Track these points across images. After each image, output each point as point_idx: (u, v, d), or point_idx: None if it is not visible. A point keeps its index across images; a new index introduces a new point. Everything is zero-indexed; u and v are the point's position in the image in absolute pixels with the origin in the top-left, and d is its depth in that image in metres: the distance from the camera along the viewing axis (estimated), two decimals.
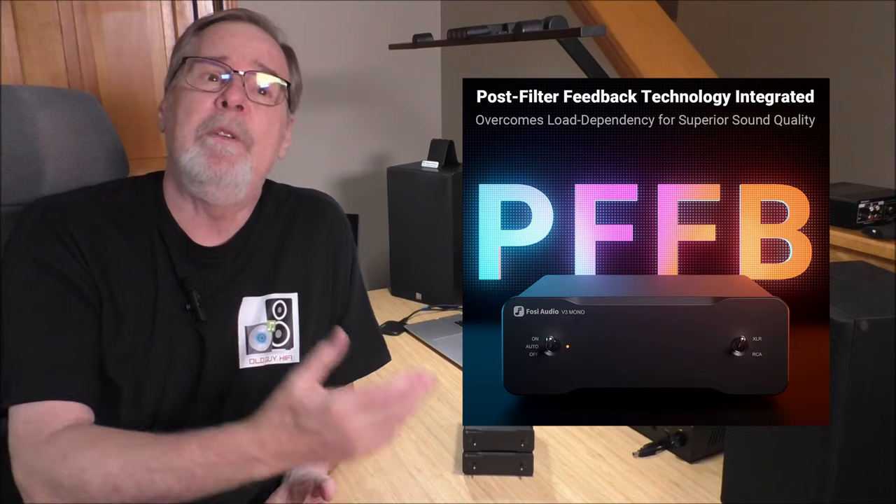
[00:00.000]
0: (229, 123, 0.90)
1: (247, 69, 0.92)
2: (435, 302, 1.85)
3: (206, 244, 0.96)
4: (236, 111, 0.90)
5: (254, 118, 0.92)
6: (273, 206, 1.03)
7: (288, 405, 0.72)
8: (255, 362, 0.98)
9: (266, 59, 0.94)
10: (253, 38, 0.95)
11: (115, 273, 0.91)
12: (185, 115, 0.90)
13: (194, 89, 0.90)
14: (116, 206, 0.94)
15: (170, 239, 0.94)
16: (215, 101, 0.90)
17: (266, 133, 0.94)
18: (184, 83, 0.91)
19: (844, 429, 0.80)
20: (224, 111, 0.90)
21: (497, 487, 1.06)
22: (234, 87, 0.90)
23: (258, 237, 1.00)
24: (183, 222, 0.95)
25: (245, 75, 0.91)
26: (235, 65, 0.91)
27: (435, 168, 1.85)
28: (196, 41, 0.94)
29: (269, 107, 0.94)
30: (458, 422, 1.25)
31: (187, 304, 0.93)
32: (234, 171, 0.91)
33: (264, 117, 0.93)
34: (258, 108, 0.92)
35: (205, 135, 0.90)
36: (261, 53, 0.94)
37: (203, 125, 0.90)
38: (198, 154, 0.90)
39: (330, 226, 1.08)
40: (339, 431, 0.70)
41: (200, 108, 0.90)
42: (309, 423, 0.71)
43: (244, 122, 0.91)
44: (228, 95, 0.90)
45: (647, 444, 1.15)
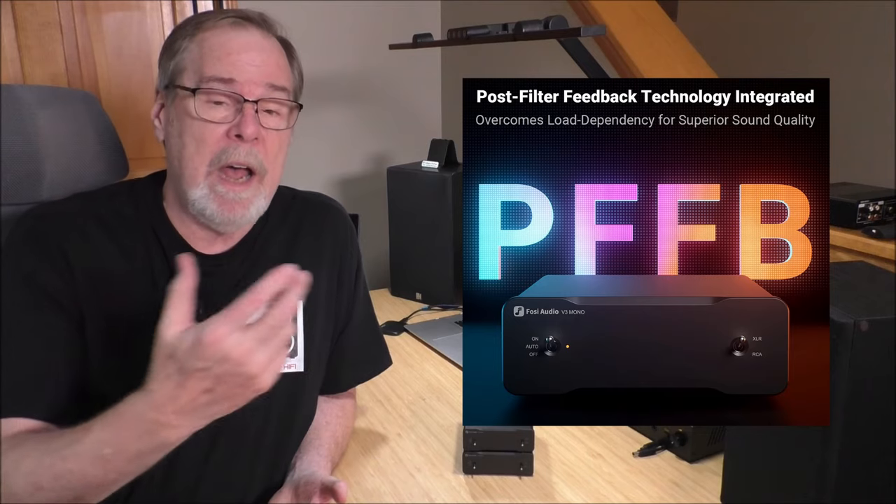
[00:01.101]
0: (245, 157, 0.87)
1: (259, 95, 0.87)
2: (435, 302, 1.85)
3: (208, 252, 0.95)
4: (252, 143, 0.87)
5: (267, 146, 0.89)
6: (278, 211, 1.02)
7: (165, 355, 0.67)
8: None
9: (275, 75, 0.90)
10: (260, 51, 0.89)
11: (108, 285, 0.88)
12: (195, 146, 0.86)
13: (203, 120, 0.86)
14: (113, 214, 0.92)
15: (169, 248, 0.92)
16: (227, 132, 0.86)
17: (277, 156, 0.92)
18: (190, 110, 0.86)
19: (844, 429, 0.80)
20: (238, 143, 0.86)
21: (497, 487, 1.06)
22: (248, 119, 0.86)
23: (263, 244, 0.99)
24: (183, 231, 0.94)
25: (258, 103, 0.87)
26: (246, 91, 0.87)
27: (435, 168, 1.85)
28: (196, 50, 0.88)
29: (281, 131, 0.91)
30: (458, 422, 1.25)
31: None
32: (248, 213, 0.89)
33: (276, 142, 0.91)
34: (270, 135, 0.89)
35: (216, 172, 0.87)
36: (270, 70, 0.89)
37: (217, 158, 0.86)
38: (208, 196, 0.87)
39: (336, 232, 1.07)
40: (223, 358, 0.65)
41: (211, 140, 0.86)
42: (190, 363, 0.65)
43: (259, 152, 0.88)
44: (243, 128, 0.85)
45: (647, 444, 1.15)
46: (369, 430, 1.23)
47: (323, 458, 1.00)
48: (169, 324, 0.68)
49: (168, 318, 0.68)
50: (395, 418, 1.27)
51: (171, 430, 0.69)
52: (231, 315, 0.65)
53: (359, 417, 1.26)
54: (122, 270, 0.90)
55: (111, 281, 0.89)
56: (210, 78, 0.86)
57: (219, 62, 0.87)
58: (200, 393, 0.67)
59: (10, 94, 1.01)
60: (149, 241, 0.92)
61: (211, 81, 0.86)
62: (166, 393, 0.67)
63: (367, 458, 1.14)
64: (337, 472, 1.09)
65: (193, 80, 0.87)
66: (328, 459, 1.01)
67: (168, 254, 0.92)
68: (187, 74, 0.88)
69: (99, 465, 0.71)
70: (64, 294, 0.86)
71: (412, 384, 1.41)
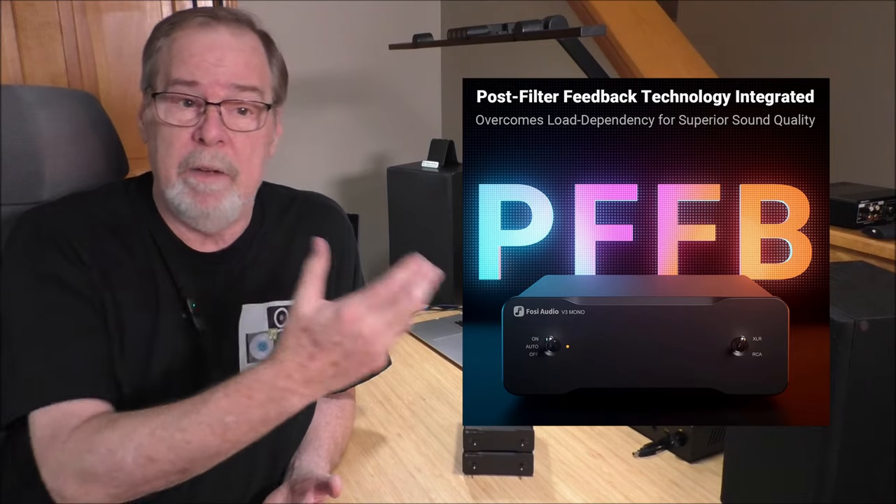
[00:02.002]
0: (211, 160, 0.87)
1: (223, 97, 0.86)
2: (435, 302, 1.85)
3: (204, 250, 0.95)
4: (217, 146, 0.87)
5: (236, 148, 0.88)
6: (276, 210, 1.02)
7: (300, 328, 0.71)
8: None
9: (243, 75, 0.88)
10: (227, 50, 0.88)
11: (118, 280, 0.89)
12: (165, 149, 0.87)
13: (168, 124, 0.86)
14: (110, 214, 0.92)
15: (165, 248, 0.92)
16: (192, 135, 0.86)
17: (249, 158, 0.90)
18: (158, 114, 0.87)
19: (844, 429, 0.80)
20: (203, 147, 0.86)
21: (497, 487, 1.06)
22: (211, 122, 0.85)
23: (260, 243, 0.99)
24: (176, 230, 0.94)
25: (221, 105, 0.86)
26: (210, 93, 0.86)
27: (435, 168, 1.85)
28: (166, 52, 0.88)
29: (251, 132, 0.90)
30: (458, 422, 1.25)
31: (184, 314, 0.92)
32: (221, 205, 0.89)
33: (247, 143, 0.89)
34: (239, 136, 0.88)
35: (187, 171, 0.87)
36: (237, 70, 0.88)
37: (184, 162, 0.87)
38: (182, 191, 0.88)
39: (333, 232, 1.07)
40: (358, 338, 0.69)
41: (178, 144, 0.86)
42: (326, 337, 0.69)
43: (226, 155, 0.87)
44: (206, 132, 0.85)
45: (647, 444, 1.15)
46: (369, 430, 1.23)
47: (321, 459, 1.00)
48: (306, 299, 0.71)
49: (303, 294, 0.72)
50: (395, 418, 1.27)
51: (296, 398, 0.72)
52: (368, 297, 0.70)
53: (359, 417, 1.26)
54: (128, 268, 0.91)
55: (120, 276, 0.90)
56: (174, 81, 0.86)
57: (183, 65, 0.86)
58: (329, 365, 0.70)
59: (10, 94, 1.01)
60: (145, 240, 0.93)
61: (176, 85, 0.86)
62: (298, 362, 0.71)
63: (367, 458, 1.14)
64: (336, 471, 1.09)
65: (162, 83, 0.87)
66: (327, 460, 1.01)
67: (164, 253, 0.92)
68: (159, 78, 0.88)
69: (219, 434, 0.73)
70: (86, 285, 0.87)
71: (412, 384, 1.41)
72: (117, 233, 0.91)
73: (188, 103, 0.87)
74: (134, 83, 1.75)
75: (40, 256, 0.87)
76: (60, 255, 0.87)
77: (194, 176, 0.87)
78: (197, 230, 0.93)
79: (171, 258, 0.93)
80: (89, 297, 0.87)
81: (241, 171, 0.90)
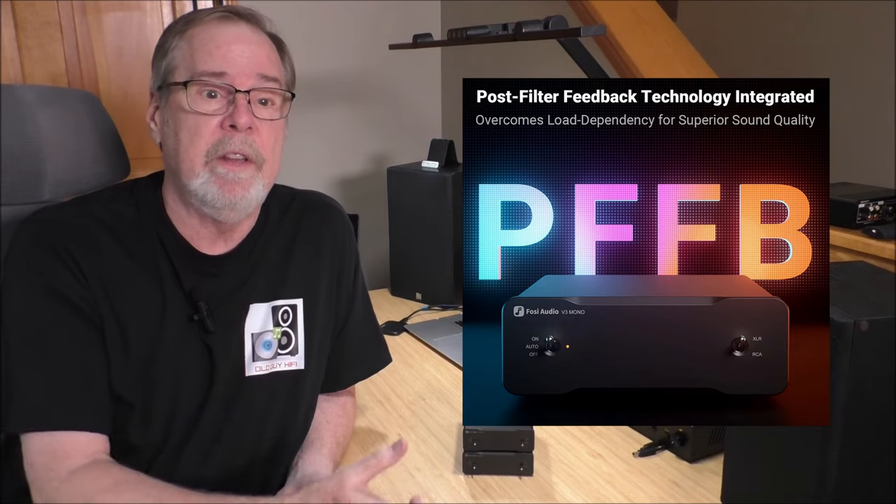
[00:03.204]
0: (241, 146, 0.87)
1: (251, 86, 0.88)
2: (435, 302, 1.85)
3: (211, 253, 0.95)
4: (246, 132, 0.87)
5: (262, 135, 0.89)
6: (277, 210, 1.02)
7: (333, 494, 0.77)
8: (260, 370, 0.98)
9: (266, 66, 0.90)
10: (249, 43, 0.90)
11: (118, 288, 0.89)
12: (191, 139, 0.87)
13: (196, 113, 0.87)
14: (114, 217, 0.92)
15: (172, 249, 0.92)
16: (221, 123, 0.87)
17: (273, 147, 0.92)
18: (183, 104, 0.87)
19: (844, 429, 0.80)
20: (233, 133, 0.87)
21: (497, 487, 1.06)
22: (241, 109, 0.87)
23: (264, 244, 0.99)
24: (185, 231, 0.94)
25: (250, 93, 0.88)
26: (238, 82, 0.87)
27: (435, 168, 1.85)
28: (186, 47, 0.89)
29: (275, 121, 0.92)
30: (458, 422, 1.25)
31: (195, 315, 0.92)
32: (248, 195, 0.89)
33: (271, 132, 0.91)
34: (264, 125, 0.90)
35: (215, 160, 0.87)
36: (260, 62, 0.90)
37: (213, 149, 0.87)
38: (209, 180, 0.87)
39: (334, 230, 1.07)
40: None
41: (206, 132, 0.87)
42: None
43: (255, 141, 0.88)
44: (237, 118, 0.86)
45: (647, 444, 1.15)
46: (369, 430, 1.23)
47: (324, 458, 1.00)
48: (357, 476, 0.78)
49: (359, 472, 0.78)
50: (395, 418, 1.27)
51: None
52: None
53: (359, 417, 1.26)
54: (131, 273, 0.90)
55: (121, 284, 0.90)
56: (202, 73, 0.87)
57: (209, 56, 0.87)
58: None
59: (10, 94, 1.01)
60: (152, 242, 0.92)
61: (203, 76, 0.87)
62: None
63: None
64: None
65: (185, 75, 0.88)
66: (330, 459, 1.01)
67: (172, 256, 0.92)
68: (179, 72, 0.89)
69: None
70: (83, 298, 0.87)
71: (412, 384, 1.41)
72: (121, 236, 0.91)
73: (212, 94, 0.87)
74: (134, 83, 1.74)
75: (41, 266, 0.87)
76: (61, 265, 0.87)
77: (223, 164, 0.88)
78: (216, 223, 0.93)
79: (178, 260, 0.93)
80: (88, 311, 0.87)
81: (267, 160, 0.91)
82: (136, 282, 0.90)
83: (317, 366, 1.05)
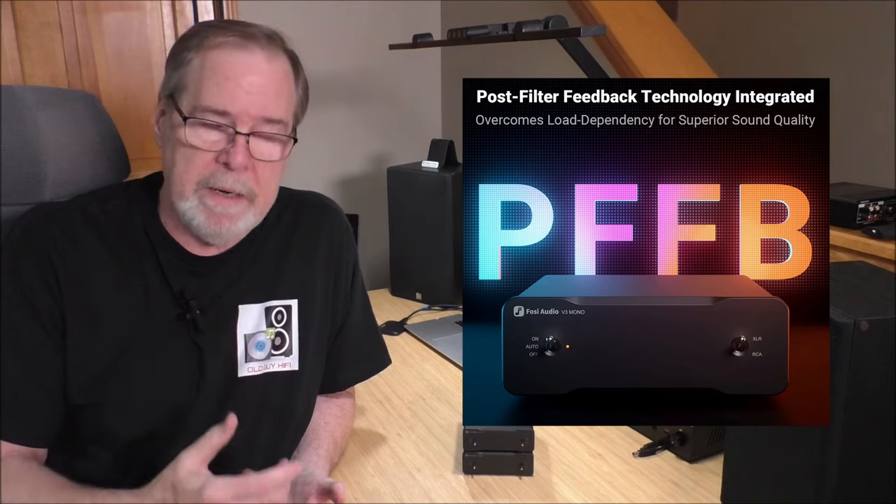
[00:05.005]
0: (232, 184, 0.87)
1: (251, 128, 0.87)
2: (435, 302, 1.85)
3: (203, 254, 0.95)
4: (240, 171, 0.87)
5: (258, 174, 0.89)
6: (275, 211, 1.01)
7: (171, 481, 0.76)
8: (253, 370, 0.97)
9: (272, 108, 0.88)
10: (260, 75, 0.87)
11: (96, 290, 0.89)
12: (184, 166, 0.87)
13: (193, 147, 0.86)
14: (106, 215, 0.92)
15: (160, 248, 0.92)
16: (217, 157, 0.86)
17: (269, 183, 0.91)
18: (183, 136, 0.86)
19: (844, 429, 0.80)
20: (227, 171, 0.86)
21: (497, 487, 1.06)
22: (239, 149, 0.85)
23: (260, 244, 0.99)
24: (177, 234, 0.94)
25: (250, 136, 0.87)
26: (240, 122, 0.86)
27: (435, 168, 1.85)
28: (198, 68, 0.86)
29: (275, 161, 0.90)
30: (458, 422, 1.25)
31: (187, 315, 0.92)
32: (236, 227, 0.90)
33: (268, 170, 0.90)
34: (261, 164, 0.89)
35: (205, 189, 0.87)
36: (266, 102, 0.87)
37: (203, 181, 0.87)
38: (196, 207, 0.87)
39: (332, 232, 1.07)
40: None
41: (200, 163, 0.86)
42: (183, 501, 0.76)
43: (248, 180, 0.88)
44: (232, 159, 0.85)
45: (647, 444, 1.15)
46: (369, 430, 1.23)
47: (321, 459, 1.00)
48: (190, 459, 0.77)
49: (191, 454, 0.77)
50: (395, 418, 1.27)
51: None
52: (237, 485, 0.76)
53: (358, 417, 1.26)
54: (113, 274, 0.91)
55: (102, 288, 0.90)
56: (205, 108, 0.85)
57: (216, 88, 0.85)
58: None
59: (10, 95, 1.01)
60: (140, 242, 0.93)
61: (206, 112, 0.86)
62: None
63: (367, 458, 1.14)
64: (336, 471, 1.09)
65: (189, 105, 0.86)
66: (326, 460, 1.01)
67: (158, 254, 0.92)
68: (186, 96, 0.87)
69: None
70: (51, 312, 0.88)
71: (412, 384, 1.41)
72: (108, 235, 0.91)
73: (215, 126, 0.86)
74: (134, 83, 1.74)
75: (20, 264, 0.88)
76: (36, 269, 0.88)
77: (212, 197, 0.87)
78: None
79: (168, 260, 0.93)
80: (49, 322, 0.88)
81: (260, 195, 0.90)
82: (119, 284, 0.91)
83: (312, 367, 1.05)
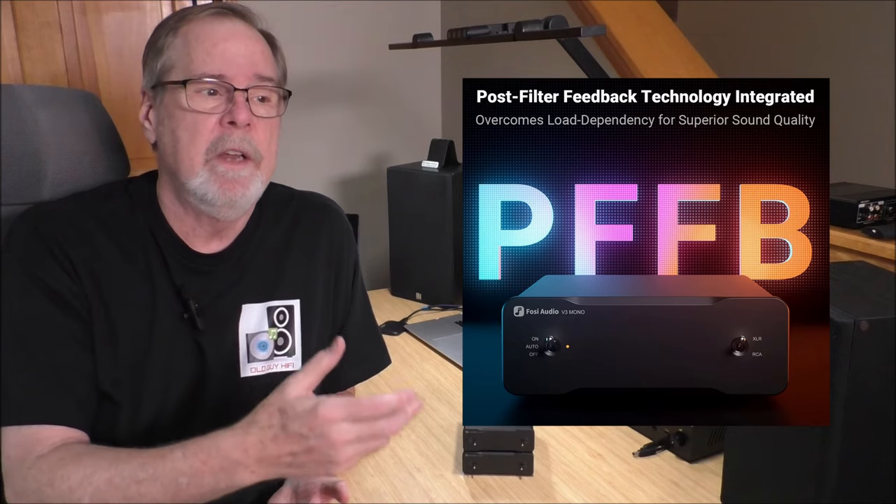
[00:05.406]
0: (240, 143, 0.88)
1: (248, 85, 0.89)
2: (435, 302, 1.85)
3: (205, 251, 0.95)
4: (245, 129, 0.88)
5: (260, 133, 0.90)
6: (275, 210, 1.02)
7: (278, 406, 0.73)
8: (256, 370, 0.97)
9: (262, 66, 0.91)
10: (245, 39, 0.90)
11: (109, 285, 0.89)
12: (190, 137, 0.87)
13: (195, 111, 0.87)
14: (109, 213, 0.92)
15: (165, 246, 0.92)
16: (220, 120, 0.88)
17: (270, 145, 0.93)
18: (182, 103, 0.87)
19: (844, 429, 0.80)
20: (232, 130, 0.88)
21: (497, 487, 1.06)
22: (240, 106, 0.87)
23: (259, 243, 0.99)
24: (179, 229, 0.94)
25: (248, 91, 0.89)
26: (236, 81, 0.88)
27: (435, 168, 1.85)
28: (181, 45, 0.89)
29: (272, 118, 0.92)
30: (458, 422, 1.25)
31: (185, 313, 0.92)
32: (248, 193, 0.90)
33: (268, 130, 0.92)
34: (261, 122, 0.90)
35: (214, 158, 0.88)
36: (256, 61, 0.90)
37: (212, 147, 0.87)
38: (208, 179, 0.88)
39: (332, 231, 1.07)
40: (324, 438, 0.71)
41: (205, 130, 0.87)
42: (296, 426, 0.72)
43: (253, 138, 0.89)
44: (236, 115, 0.87)
45: (647, 444, 1.15)
46: None
47: None
48: (297, 384, 0.74)
49: (298, 378, 0.74)
50: None
51: (247, 474, 0.74)
52: (351, 406, 0.72)
53: None
54: (122, 270, 0.90)
55: (112, 281, 0.89)
56: (200, 74, 0.87)
57: (207, 55, 0.88)
58: (287, 453, 0.73)
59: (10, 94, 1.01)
60: (145, 240, 0.93)
61: (202, 77, 0.87)
62: (259, 439, 0.73)
63: (367, 458, 1.14)
64: None
65: (182, 75, 0.88)
66: None
67: (165, 252, 0.92)
68: (175, 71, 0.89)
69: (171, 494, 0.74)
70: (73, 293, 0.87)
71: (412, 384, 1.41)
72: (114, 232, 0.91)
73: (211, 92, 0.88)
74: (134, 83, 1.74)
75: (32, 258, 0.87)
76: (52, 259, 0.87)
77: (222, 163, 0.88)
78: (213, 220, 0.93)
79: (171, 257, 0.93)
80: (76, 306, 0.87)
81: (264, 157, 0.91)
82: (127, 278, 0.90)
83: None
